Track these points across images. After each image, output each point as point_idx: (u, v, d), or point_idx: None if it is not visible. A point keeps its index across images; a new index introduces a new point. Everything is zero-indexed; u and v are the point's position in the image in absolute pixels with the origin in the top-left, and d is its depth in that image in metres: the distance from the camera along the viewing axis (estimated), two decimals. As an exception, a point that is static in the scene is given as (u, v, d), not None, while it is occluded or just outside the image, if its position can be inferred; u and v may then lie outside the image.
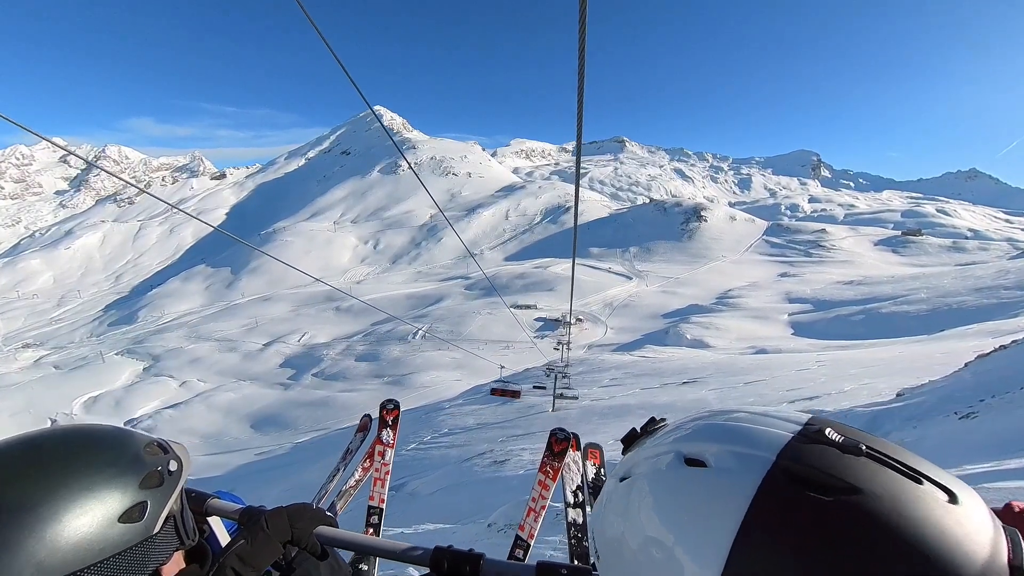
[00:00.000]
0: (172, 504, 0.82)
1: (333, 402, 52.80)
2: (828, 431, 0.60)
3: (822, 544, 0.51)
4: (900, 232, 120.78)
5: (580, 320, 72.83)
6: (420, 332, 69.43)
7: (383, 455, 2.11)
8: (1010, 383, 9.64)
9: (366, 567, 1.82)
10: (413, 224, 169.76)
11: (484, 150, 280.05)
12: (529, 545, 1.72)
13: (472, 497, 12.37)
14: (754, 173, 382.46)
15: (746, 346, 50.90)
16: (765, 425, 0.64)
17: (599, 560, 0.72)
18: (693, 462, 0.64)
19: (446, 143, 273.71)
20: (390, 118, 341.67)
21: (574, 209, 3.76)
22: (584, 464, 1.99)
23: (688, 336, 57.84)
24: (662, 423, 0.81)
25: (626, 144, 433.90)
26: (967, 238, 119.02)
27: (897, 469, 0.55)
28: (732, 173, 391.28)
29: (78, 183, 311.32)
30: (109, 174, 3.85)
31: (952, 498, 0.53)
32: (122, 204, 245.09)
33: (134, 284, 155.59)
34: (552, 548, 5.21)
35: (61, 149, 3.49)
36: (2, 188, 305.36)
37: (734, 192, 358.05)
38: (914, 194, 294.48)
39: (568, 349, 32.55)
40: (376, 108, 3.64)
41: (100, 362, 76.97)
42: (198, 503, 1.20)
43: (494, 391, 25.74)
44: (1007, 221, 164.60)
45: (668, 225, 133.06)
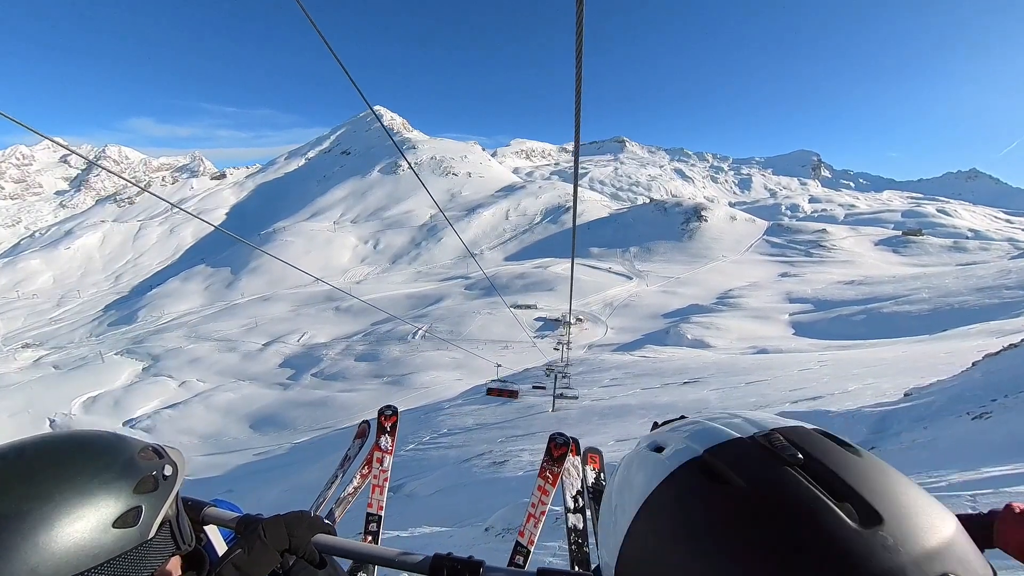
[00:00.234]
0: (167, 509, 0.81)
1: (332, 402, 52.77)
2: (776, 438, 0.60)
3: (696, 531, 0.53)
4: (901, 232, 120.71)
5: (580, 320, 72.71)
6: (420, 332, 69.40)
7: (381, 462, 2.09)
8: (1023, 382, 9.42)
9: (365, 575, 1.80)
10: (413, 224, 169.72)
11: (484, 150, 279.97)
12: (529, 551, 1.71)
13: (470, 499, 12.33)
14: (754, 173, 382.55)
15: (747, 346, 50.87)
16: (729, 426, 0.66)
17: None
18: (657, 449, 0.69)
19: (446, 143, 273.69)
20: (390, 118, 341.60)
21: (573, 209, 3.73)
22: (584, 469, 1.98)
23: (689, 336, 57.82)
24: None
25: (626, 144, 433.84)
26: (968, 238, 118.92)
27: (822, 484, 0.53)
28: (732, 173, 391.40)
29: (78, 183, 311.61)
30: (110, 173, 3.83)
31: (867, 522, 0.48)
32: (122, 204, 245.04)
33: (134, 284, 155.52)
34: (551, 554, 5.17)
35: (62, 147, 3.47)
36: (2, 188, 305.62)
37: (734, 192, 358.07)
38: (914, 194, 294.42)
39: (568, 349, 32.54)
40: (376, 108, 3.63)
41: (99, 362, 76.97)
42: (194, 512, 1.18)
43: (491, 391, 25.70)
44: (1008, 221, 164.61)
45: (668, 225, 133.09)
